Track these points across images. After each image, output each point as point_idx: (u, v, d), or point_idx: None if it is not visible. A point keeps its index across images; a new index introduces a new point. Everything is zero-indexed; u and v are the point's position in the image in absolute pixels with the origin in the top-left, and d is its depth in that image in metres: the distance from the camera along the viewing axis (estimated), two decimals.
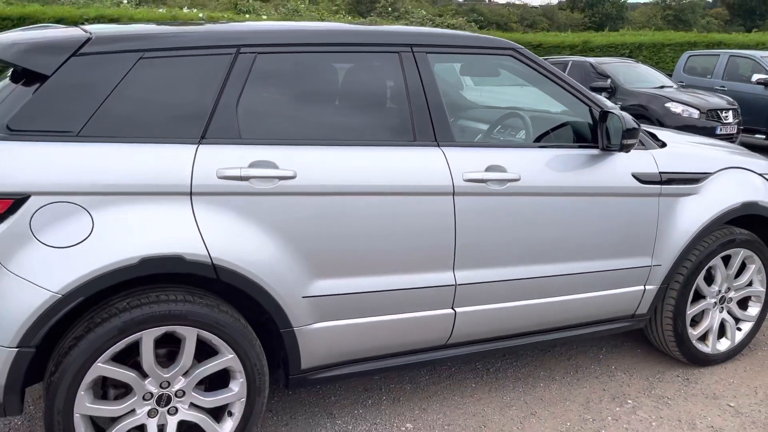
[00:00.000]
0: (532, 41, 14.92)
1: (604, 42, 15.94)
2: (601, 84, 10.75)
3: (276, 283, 2.40)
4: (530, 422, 2.97)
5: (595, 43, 15.80)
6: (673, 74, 13.65)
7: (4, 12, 10.27)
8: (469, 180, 2.68)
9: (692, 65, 13.46)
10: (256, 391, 2.48)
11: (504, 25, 55.75)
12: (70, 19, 10.49)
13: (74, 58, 2.24)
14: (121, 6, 13.97)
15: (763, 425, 3.01)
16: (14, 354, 2.12)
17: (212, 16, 11.24)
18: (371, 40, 2.70)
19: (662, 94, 10.35)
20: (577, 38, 16.12)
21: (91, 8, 11.88)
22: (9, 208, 2.09)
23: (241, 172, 2.32)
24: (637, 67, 11.75)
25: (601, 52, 15.43)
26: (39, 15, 10.41)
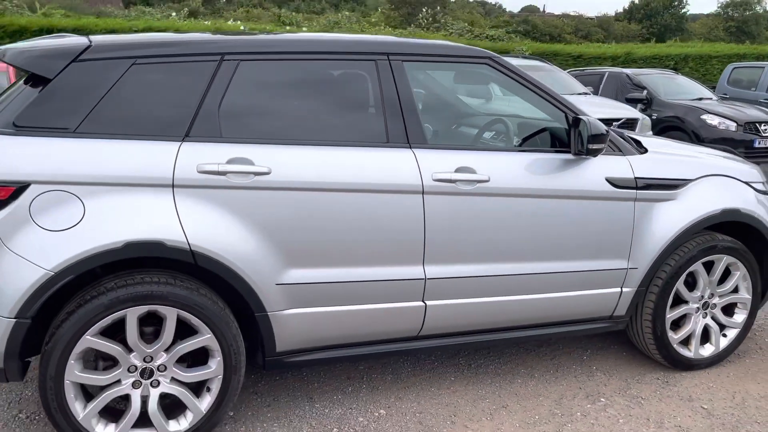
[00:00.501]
0: (572, 52, 14.86)
1: (647, 53, 15.74)
2: (637, 95, 10.68)
3: (250, 270, 2.62)
4: (500, 414, 3.10)
5: (638, 54, 15.62)
6: (717, 86, 13.44)
7: (60, 23, 10.96)
8: (439, 180, 2.85)
9: (737, 77, 13.23)
10: (232, 370, 2.70)
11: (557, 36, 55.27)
12: (120, 30, 11.10)
13: (74, 63, 2.52)
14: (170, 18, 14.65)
15: (732, 427, 3.05)
16: (12, 324, 2.39)
17: (253, 28, 11.70)
18: (349, 48, 2.91)
19: (699, 106, 10.22)
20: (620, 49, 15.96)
21: (141, 20, 12.52)
22: (11, 194, 2.37)
23: (219, 167, 2.56)
24: (675, 78, 11.62)
25: (645, 64, 15.25)
26: (92, 26, 11.07)
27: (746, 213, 3.45)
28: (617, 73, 11.59)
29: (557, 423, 3.04)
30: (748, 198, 3.50)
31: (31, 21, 10.81)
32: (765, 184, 3.71)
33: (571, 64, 14.38)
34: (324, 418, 3.03)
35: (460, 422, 3.03)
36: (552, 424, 3.04)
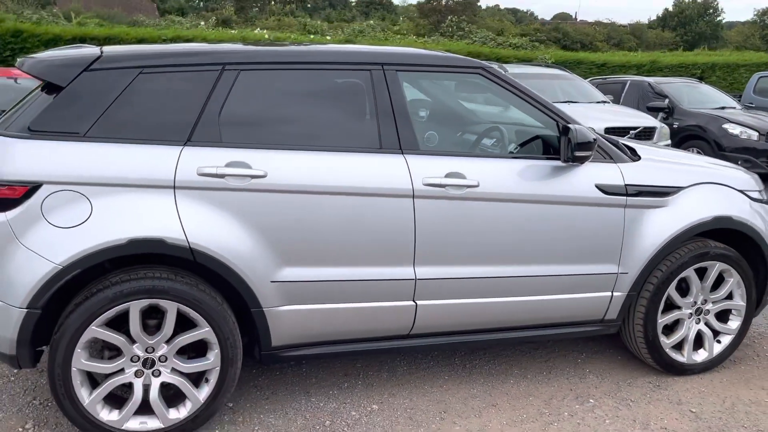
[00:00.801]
0: (596, 60, 14.84)
1: (673, 62, 15.61)
2: (658, 104, 10.65)
3: (246, 267, 2.78)
4: (489, 412, 3.20)
5: (663, 62, 15.51)
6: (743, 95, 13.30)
7: (93, 32, 11.36)
8: (428, 184, 2.97)
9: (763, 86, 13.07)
10: (228, 362, 2.85)
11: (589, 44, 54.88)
12: (149, 39, 11.46)
13: (85, 72, 2.71)
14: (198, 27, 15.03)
15: (718, 431, 3.11)
16: (24, 314, 2.58)
17: (278, 37, 11.96)
18: (345, 59, 3.06)
19: (721, 115, 10.15)
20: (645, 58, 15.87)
21: (170, 29, 12.89)
22: (25, 193, 2.57)
23: (218, 170, 2.72)
24: (698, 87, 11.54)
25: (670, 72, 15.15)
26: (123, 35, 11.45)
27: (739, 221, 3.49)
28: (639, 82, 11.55)
29: (544, 422, 3.13)
30: (742, 206, 3.55)
31: (65, 30, 11.22)
32: (762, 193, 3.75)
33: (594, 72, 14.35)
34: (318, 411, 3.16)
35: (449, 418, 3.13)
36: (539, 422, 3.13)
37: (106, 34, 11.43)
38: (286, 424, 3.04)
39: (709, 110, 10.39)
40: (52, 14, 14.24)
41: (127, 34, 11.60)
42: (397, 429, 3.03)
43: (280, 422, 3.06)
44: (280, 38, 11.95)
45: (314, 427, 3.03)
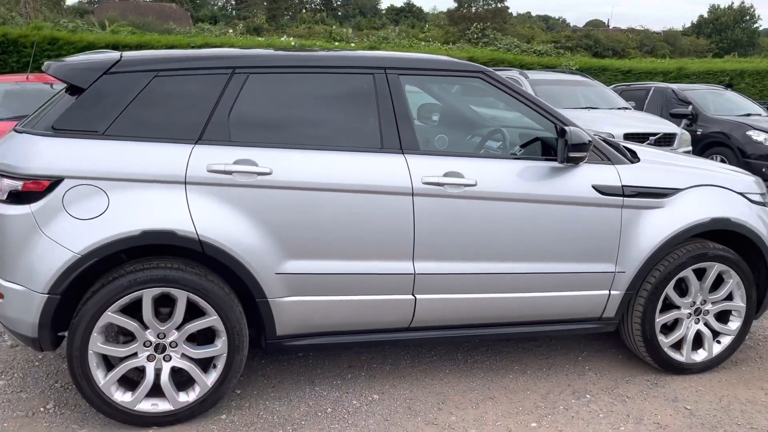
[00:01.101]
0: (621, 67, 14.79)
1: (701, 68, 15.47)
2: (682, 110, 10.61)
3: (252, 259, 2.94)
4: (486, 404, 3.31)
5: (690, 69, 15.37)
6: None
7: (125, 40, 11.75)
8: (427, 183, 3.11)
9: None
10: (235, 349, 3.02)
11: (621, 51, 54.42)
12: (179, 46, 11.80)
13: (105, 75, 2.91)
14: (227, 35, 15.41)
15: (711, 427, 3.17)
16: (45, 299, 2.78)
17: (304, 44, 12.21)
18: (349, 63, 3.21)
19: (746, 122, 10.08)
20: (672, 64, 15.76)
21: (200, 37, 13.24)
22: (48, 187, 2.77)
23: (226, 167, 2.90)
24: (723, 94, 11.46)
25: (697, 79, 15.02)
26: (154, 42, 11.81)
27: (737, 222, 3.55)
28: (663, 88, 11.51)
29: (539, 414, 3.23)
30: (741, 208, 3.60)
31: (99, 38, 11.62)
32: (763, 196, 3.80)
33: (620, 79, 14.31)
34: (321, 399, 3.31)
35: (447, 409, 3.25)
36: (533, 415, 3.22)
37: (137, 41, 11.81)
38: (290, 411, 3.19)
39: (733, 117, 10.32)
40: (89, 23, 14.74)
41: (157, 41, 11.97)
42: (395, 418, 3.16)
43: (284, 408, 3.21)
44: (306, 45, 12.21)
45: (316, 414, 3.17)
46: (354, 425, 3.08)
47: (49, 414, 3.10)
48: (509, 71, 10.66)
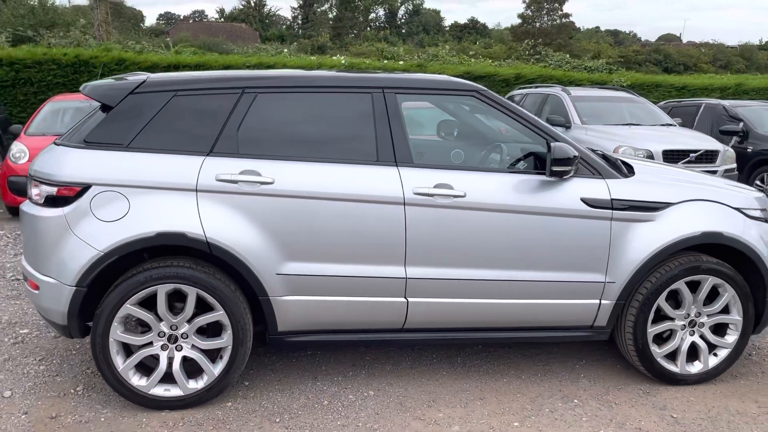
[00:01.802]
0: (676, 83, 14.53)
1: (762, 84, 15.01)
2: (732, 127, 10.43)
3: (254, 260, 3.25)
4: (474, 404, 3.50)
5: (750, 85, 14.93)
6: None
7: (186, 60, 12.47)
8: (418, 194, 3.35)
9: None
10: (239, 342, 3.32)
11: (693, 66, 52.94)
12: (235, 66, 12.43)
13: (131, 95, 3.29)
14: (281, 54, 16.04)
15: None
16: (73, 291, 3.16)
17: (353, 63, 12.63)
18: (350, 83, 3.50)
19: None
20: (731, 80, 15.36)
21: (254, 56, 13.88)
22: (78, 192, 3.16)
23: (232, 176, 3.22)
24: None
25: (758, 96, 14.60)
26: (212, 62, 12.48)
27: (730, 237, 3.62)
28: (714, 105, 11.32)
29: (523, 415, 3.39)
30: (735, 223, 3.67)
31: (162, 58, 12.38)
32: (764, 212, 3.84)
33: (674, 95, 14.09)
34: (320, 393, 3.57)
35: (436, 407, 3.45)
36: (518, 415, 3.39)
37: (197, 61, 12.51)
38: (289, 401, 3.46)
39: None
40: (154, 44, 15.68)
41: (215, 61, 12.63)
42: (386, 412, 3.38)
43: (285, 399, 3.49)
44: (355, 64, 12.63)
45: (313, 405, 3.43)
46: (346, 417, 3.33)
47: (78, 395, 3.48)
48: (553, 87, 10.74)
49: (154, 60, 12.04)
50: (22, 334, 4.30)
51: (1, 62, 11.42)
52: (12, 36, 15.57)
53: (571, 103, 9.72)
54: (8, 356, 3.96)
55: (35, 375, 3.71)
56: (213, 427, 3.21)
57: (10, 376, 3.70)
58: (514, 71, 13.70)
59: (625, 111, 9.99)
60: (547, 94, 10.53)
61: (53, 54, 11.64)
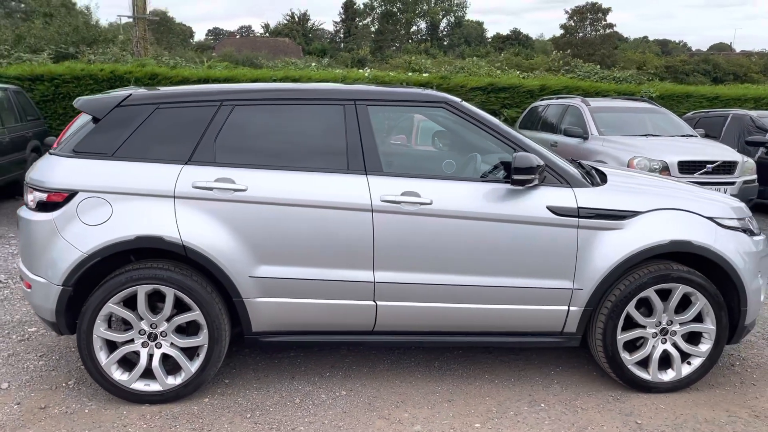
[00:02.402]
0: (707, 93, 14.25)
1: None
2: (758, 138, 10.26)
3: (228, 263, 3.43)
4: (442, 406, 3.60)
5: None
6: None
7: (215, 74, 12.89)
8: (385, 201, 3.48)
9: None
10: (214, 341, 3.51)
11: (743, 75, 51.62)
12: (263, 79, 12.79)
13: (117, 108, 3.53)
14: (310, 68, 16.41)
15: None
16: (60, 290, 3.40)
17: (377, 76, 12.84)
18: (323, 96, 3.67)
19: None
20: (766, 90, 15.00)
21: (282, 70, 14.24)
22: (66, 198, 3.40)
23: (207, 184, 3.42)
24: None
25: None
26: (240, 76, 12.87)
27: (700, 245, 3.64)
28: (741, 115, 11.13)
29: (486, 417, 3.47)
30: (706, 232, 3.69)
31: (193, 72, 12.83)
32: (741, 221, 3.85)
33: (705, 105, 13.85)
34: (294, 391, 3.72)
35: (404, 407, 3.57)
36: (482, 417, 3.47)
37: (226, 75, 12.92)
38: (263, 399, 3.63)
39: None
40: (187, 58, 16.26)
41: (244, 75, 13.02)
42: (354, 411, 3.51)
43: (260, 397, 3.65)
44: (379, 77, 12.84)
45: (285, 403, 3.59)
46: (314, 414, 3.47)
47: (68, 389, 3.72)
48: (573, 99, 10.73)
49: (185, 74, 12.48)
50: (30, 332, 4.59)
51: (42, 78, 12.02)
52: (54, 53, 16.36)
53: (589, 114, 9.71)
54: (13, 352, 4.23)
55: (33, 369, 3.97)
56: (187, 421, 3.39)
57: (11, 369, 3.96)
58: (539, 82, 13.70)
59: (647, 122, 9.92)
60: (567, 105, 10.53)
61: (90, 70, 12.19)
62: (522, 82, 13.60)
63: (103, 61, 13.94)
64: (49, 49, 16.42)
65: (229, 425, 3.35)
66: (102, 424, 3.34)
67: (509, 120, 13.07)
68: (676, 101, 14.12)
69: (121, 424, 3.34)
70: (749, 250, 3.78)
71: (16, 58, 14.58)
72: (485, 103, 13.18)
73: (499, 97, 13.29)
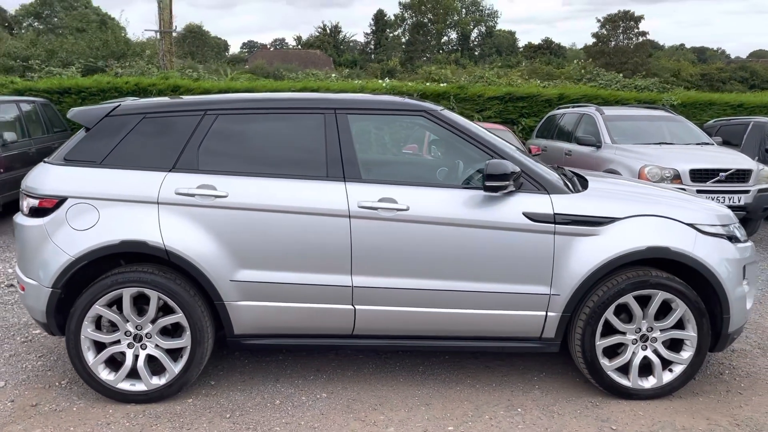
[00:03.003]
0: (731, 101, 13.99)
1: None
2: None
3: (209, 267, 3.54)
4: (419, 409, 3.64)
5: None
6: None
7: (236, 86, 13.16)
8: (363, 207, 3.56)
9: None
10: (197, 342, 3.62)
11: None
12: (282, 89, 13.02)
13: (106, 118, 3.69)
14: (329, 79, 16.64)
15: None
16: (50, 292, 3.55)
17: (394, 86, 12.96)
18: (304, 105, 3.77)
19: None
20: None
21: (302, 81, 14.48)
22: (56, 204, 3.56)
23: (190, 190, 3.55)
24: None
25: None
26: (260, 87, 13.11)
27: (678, 251, 3.63)
28: (762, 123, 10.92)
29: (461, 421, 3.51)
30: (685, 238, 3.67)
31: (215, 84, 13.13)
32: (725, 228, 3.82)
33: (729, 113, 13.62)
34: (276, 393, 3.81)
35: (381, 410, 3.62)
36: (457, 420, 3.51)
37: (246, 86, 13.19)
38: (245, 400, 3.72)
39: None
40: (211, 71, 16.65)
41: (263, 86, 13.27)
42: (331, 414, 3.58)
43: (242, 398, 3.75)
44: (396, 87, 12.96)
45: (266, 405, 3.68)
46: (292, 416, 3.56)
47: (61, 388, 3.87)
48: (588, 107, 10.68)
49: (206, 86, 12.77)
50: (34, 334, 4.77)
51: (70, 90, 12.43)
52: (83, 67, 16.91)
53: (602, 123, 9.66)
54: (14, 352, 4.42)
55: (31, 369, 4.14)
56: (168, 420, 3.50)
57: (10, 369, 4.14)
58: (557, 91, 13.65)
59: (662, 130, 9.82)
60: (581, 114, 10.49)
61: (116, 82, 12.57)
62: (540, 90, 13.57)
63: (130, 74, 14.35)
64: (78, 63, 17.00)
65: (208, 425, 3.45)
66: (87, 422, 3.47)
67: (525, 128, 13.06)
68: (699, 109, 13.92)
69: (105, 422, 3.47)
70: (732, 257, 3.76)
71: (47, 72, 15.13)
72: (503, 113, 13.18)
73: (516, 106, 13.28)
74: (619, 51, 64.83)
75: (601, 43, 66.74)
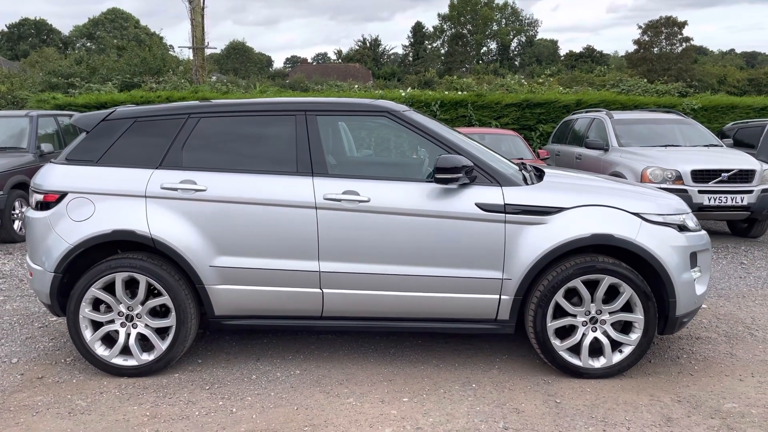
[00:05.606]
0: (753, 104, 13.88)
1: None
2: None
3: (191, 254, 3.96)
4: (381, 385, 3.96)
5: None
6: None
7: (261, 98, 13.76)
8: (328, 199, 3.93)
9: None
10: (181, 322, 4.03)
11: None
12: None
13: (102, 122, 4.16)
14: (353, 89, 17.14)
15: (564, 416, 3.52)
16: (52, 276, 4.02)
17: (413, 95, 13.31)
18: (277, 108, 4.17)
19: None
20: None
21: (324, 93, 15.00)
22: (58, 198, 4.04)
23: (173, 185, 3.97)
24: None
25: None
26: None
27: (621, 238, 3.88)
28: None
29: (417, 394, 3.82)
30: (629, 226, 3.92)
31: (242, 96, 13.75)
32: (672, 217, 4.05)
33: (751, 116, 13.53)
34: (254, 370, 4.19)
35: (346, 384, 3.96)
36: (412, 394, 3.82)
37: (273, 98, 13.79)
38: (225, 375, 4.11)
39: None
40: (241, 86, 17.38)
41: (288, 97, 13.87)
42: (301, 387, 3.94)
43: (223, 373, 4.14)
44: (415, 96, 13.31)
45: (242, 379, 4.06)
46: (264, 388, 3.92)
47: (65, 363, 4.33)
48: (598, 112, 10.85)
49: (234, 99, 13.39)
50: (51, 321, 5.28)
51: (106, 105, 13.18)
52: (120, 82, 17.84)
53: (611, 126, 9.83)
54: (31, 336, 4.91)
55: (42, 349, 4.62)
56: (154, 390, 3.91)
57: (24, 349, 4.63)
58: (575, 97, 13.80)
59: (671, 132, 9.93)
60: (592, 118, 10.67)
61: (149, 97, 13.29)
62: (558, 97, 13.75)
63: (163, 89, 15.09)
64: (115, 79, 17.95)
65: (188, 395, 3.85)
66: (83, 391, 3.90)
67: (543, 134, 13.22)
68: (721, 113, 13.88)
69: (99, 392, 3.90)
70: (677, 245, 3.98)
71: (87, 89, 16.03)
72: (520, 119, 13.40)
73: (534, 112, 13.49)
74: (663, 57, 63.76)
75: (642, 50, 65.78)
